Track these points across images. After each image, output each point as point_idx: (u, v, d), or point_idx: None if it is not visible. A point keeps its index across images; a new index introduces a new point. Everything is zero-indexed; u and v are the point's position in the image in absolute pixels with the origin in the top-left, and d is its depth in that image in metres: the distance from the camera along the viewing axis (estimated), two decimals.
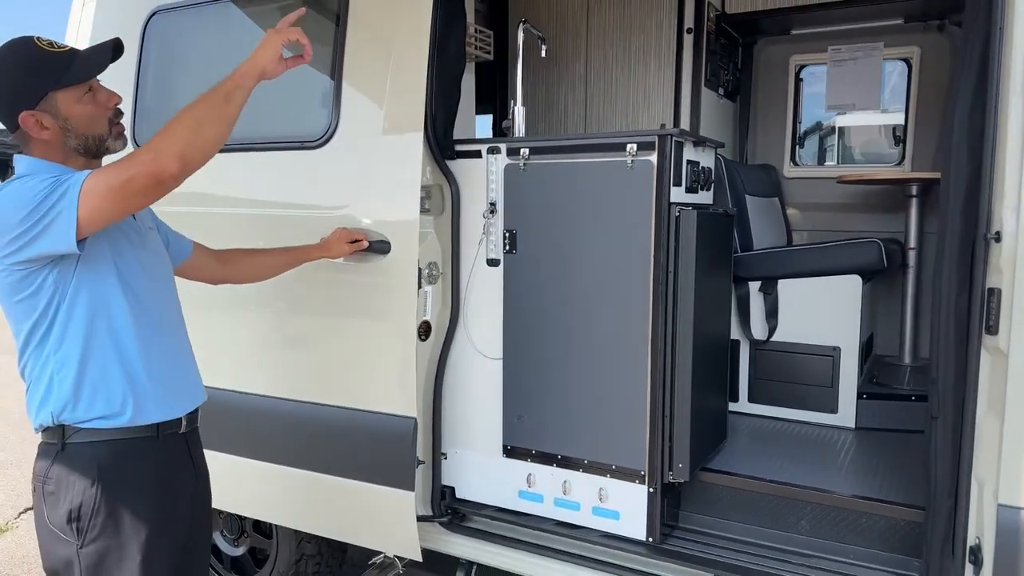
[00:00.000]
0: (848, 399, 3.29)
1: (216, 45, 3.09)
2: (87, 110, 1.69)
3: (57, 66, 1.66)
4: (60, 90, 1.66)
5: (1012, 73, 1.86)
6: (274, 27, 1.91)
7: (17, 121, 1.66)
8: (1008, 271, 1.86)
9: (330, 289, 2.66)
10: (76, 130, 1.68)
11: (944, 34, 4.04)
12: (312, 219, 2.65)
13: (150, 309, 1.78)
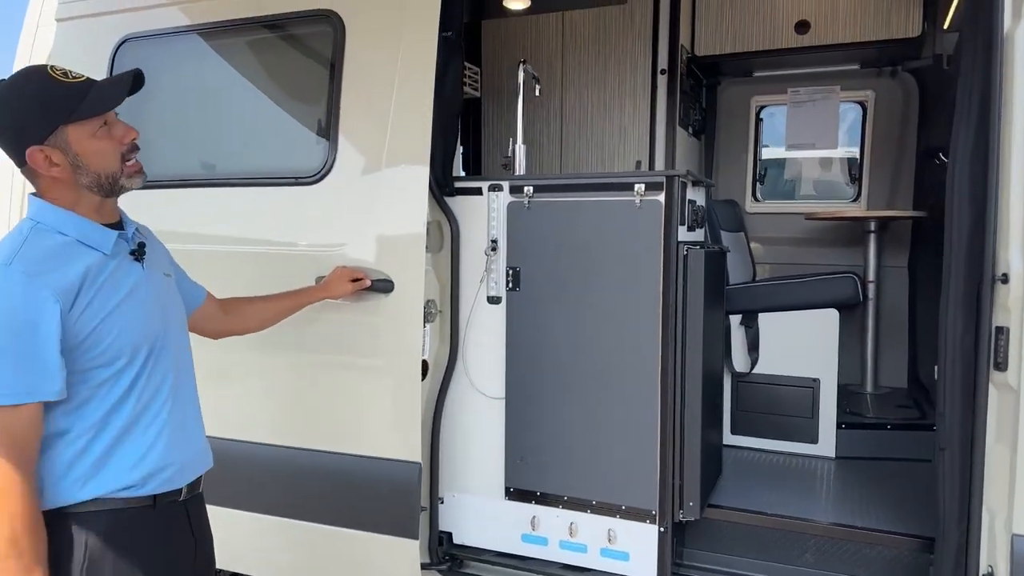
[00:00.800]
0: (828, 429, 3.36)
1: (189, 75, 2.96)
2: (100, 146, 1.55)
3: (70, 98, 1.52)
4: (72, 124, 1.51)
5: (1013, 121, 1.95)
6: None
7: (25, 157, 1.51)
8: (1016, 310, 1.94)
9: (328, 329, 2.55)
10: (88, 167, 1.54)
11: (897, 80, 4.27)
12: (310, 256, 2.54)
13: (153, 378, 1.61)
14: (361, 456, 2.48)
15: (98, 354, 1.50)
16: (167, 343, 1.65)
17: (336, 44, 2.59)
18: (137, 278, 1.61)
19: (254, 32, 2.82)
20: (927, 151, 4.00)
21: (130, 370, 1.55)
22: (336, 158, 2.56)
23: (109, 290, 1.53)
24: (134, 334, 1.55)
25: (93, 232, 1.55)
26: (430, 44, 2.43)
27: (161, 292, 1.69)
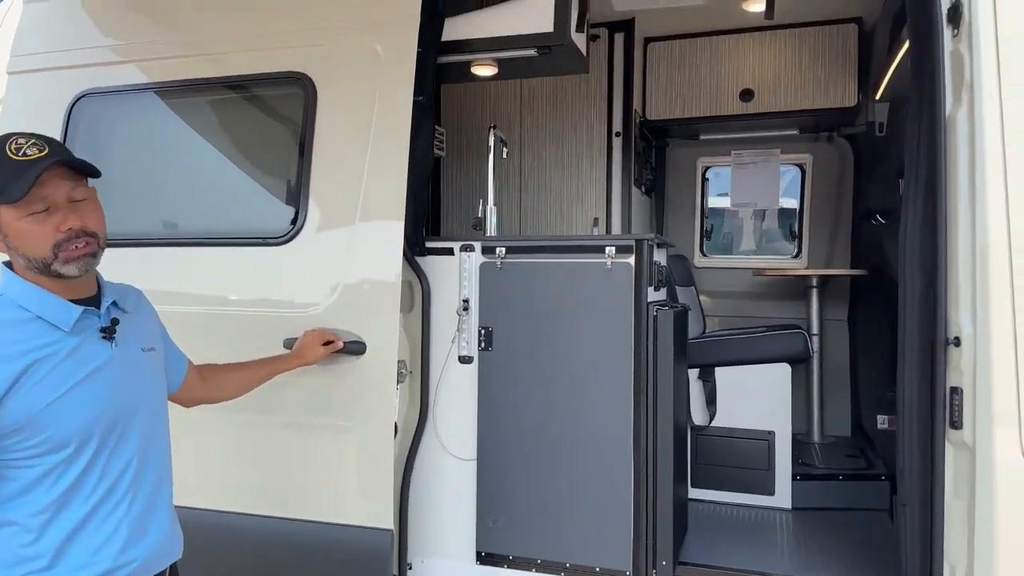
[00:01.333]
0: (784, 480, 3.44)
1: (154, 132, 2.90)
2: (31, 229, 1.43)
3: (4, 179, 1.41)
4: (5, 205, 1.42)
5: (959, 195, 2.09)
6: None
7: None
8: (969, 372, 2.05)
9: (297, 392, 2.48)
10: (18, 249, 1.44)
11: (833, 144, 4.53)
12: (280, 318, 2.48)
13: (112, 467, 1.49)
14: (331, 524, 2.40)
15: (42, 440, 1.39)
16: (132, 426, 1.54)
17: (307, 106, 2.59)
18: (104, 358, 1.50)
19: (222, 91, 2.79)
20: (864, 211, 4.23)
21: (80, 458, 1.44)
22: (306, 219, 2.53)
23: (64, 372, 1.43)
24: (86, 420, 1.44)
25: (55, 308, 1.45)
26: (405, 109, 2.46)
27: (133, 371, 1.57)
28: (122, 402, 1.52)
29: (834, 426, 4.40)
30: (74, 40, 2.94)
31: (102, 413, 1.47)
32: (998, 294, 1.99)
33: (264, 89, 2.73)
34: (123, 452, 1.51)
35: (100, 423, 1.47)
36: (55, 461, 1.41)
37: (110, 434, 1.49)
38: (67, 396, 1.42)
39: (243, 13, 2.72)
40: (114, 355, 1.52)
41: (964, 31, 2.10)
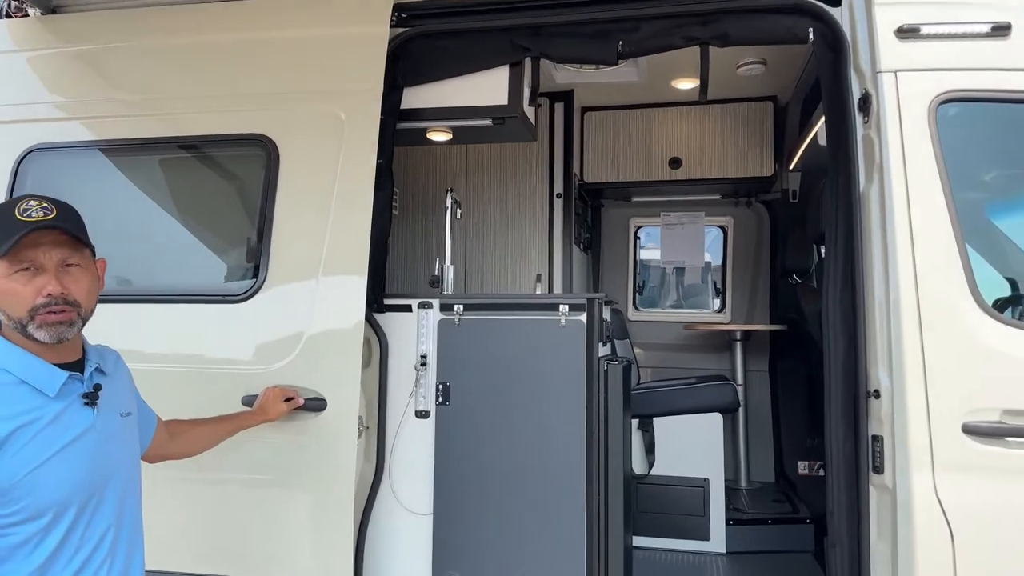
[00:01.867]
0: (719, 526, 3.59)
1: (107, 187, 2.87)
2: (12, 288, 1.45)
3: (1, 234, 1.44)
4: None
5: (873, 264, 2.33)
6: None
7: None
8: (888, 421, 2.26)
9: (255, 448, 2.46)
10: (1, 307, 1.45)
11: (752, 209, 4.87)
12: (239, 374, 2.48)
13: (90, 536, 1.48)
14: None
15: (18, 509, 1.37)
16: (108, 493, 1.52)
17: (269, 167, 2.64)
18: (86, 425, 1.50)
19: (182, 150, 2.81)
20: (781, 271, 4.55)
21: (58, 528, 1.42)
22: (267, 276, 2.56)
23: (46, 439, 1.41)
24: (67, 489, 1.43)
25: (40, 373, 1.45)
26: (368, 174, 2.55)
27: (112, 438, 1.56)
28: (101, 470, 1.51)
29: (759, 472, 4.63)
30: (26, 94, 2.91)
31: (82, 482, 1.46)
32: (910, 350, 2.22)
33: (226, 149, 2.77)
34: (100, 521, 1.50)
35: (80, 492, 1.45)
36: (32, 531, 1.39)
37: (88, 503, 1.47)
38: (48, 464, 1.40)
39: (207, 74, 2.77)
40: (95, 422, 1.52)
41: (873, 119, 2.38)
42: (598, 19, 2.72)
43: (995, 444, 2.16)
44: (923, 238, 2.26)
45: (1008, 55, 2.31)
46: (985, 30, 2.32)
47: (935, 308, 2.23)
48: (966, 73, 2.32)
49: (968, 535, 2.14)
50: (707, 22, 2.66)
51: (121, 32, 2.88)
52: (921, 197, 2.28)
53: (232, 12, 2.81)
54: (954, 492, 2.16)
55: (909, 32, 2.35)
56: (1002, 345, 2.20)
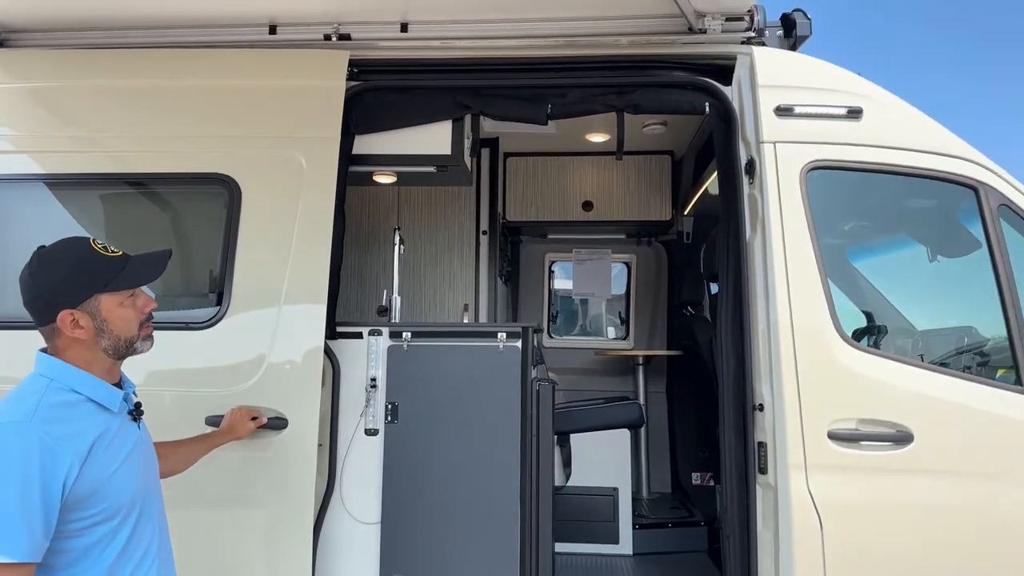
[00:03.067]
0: (626, 530, 3.94)
1: (61, 220, 2.92)
2: (125, 313, 1.65)
3: (109, 271, 1.63)
4: (106, 293, 1.62)
5: (756, 301, 2.76)
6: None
7: (54, 318, 1.57)
8: (770, 430, 2.67)
9: (217, 467, 2.57)
10: (111, 332, 1.63)
11: (652, 248, 5.37)
12: (205, 397, 2.59)
13: (143, 538, 1.65)
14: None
15: (100, 510, 1.53)
16: (152, 501, 1.70)
17: (232, 204, 2.79)
18: (135, 438, 1.68)
19: (145, 186, 2.91)
20: (677, 303, 5.03)
21: (124, 529, 1.58)
22: (230, 305, 2.70)
23: (115, 449, 1.59)
24: (132, 492, 1.60)
25: (104, 392, 1.62)
26: (327, 214, 2.76)
27: (149, 451, 1.75)
28: (148, 479, 1.69)
29: (657, 483, 5.04)
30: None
31: (138, 488, 1.63)
32: (786, 371, 2.65)
33: (188, 187, 2.89)
34: (148, 524, 1.66)
35: (137, 497, 1.62)
36: (105, 531, 1.54)
37: (142, 507, 1.64)
38: (119, 470, 1.57)
39: (173, 116, 2.89)
40: (141, 435, 1.71)
41: (756, 181, 2.83)
42: (532, 85, 3.06)
43: (852, 447, 2.61)
44: (795, 279, 2.71)
45: (860, 133, 2.82)
46: (843, 113, 2.83)
47: (805, 337, 2.67)
48: (829, 146, 2.81)
49: (833, 522, 2.57)
50: (623, 93, 3.06)
51: (83, 71, 2.96)
52: (794, 245, 2.73)
53: (200, 59, 2.96)
54: (822, 487, 2.59)
55: (785, 111, 2.82)
56: (856, 366, 2.66)
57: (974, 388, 2.68)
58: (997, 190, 2.78)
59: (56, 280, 1.60)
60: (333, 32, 3.07)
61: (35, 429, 1.46)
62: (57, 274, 1.61)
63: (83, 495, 1.50)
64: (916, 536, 2.56)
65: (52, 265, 1.62)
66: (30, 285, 1.61)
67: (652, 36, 3.02)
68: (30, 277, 1.62)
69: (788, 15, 3.19)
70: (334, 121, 2.86)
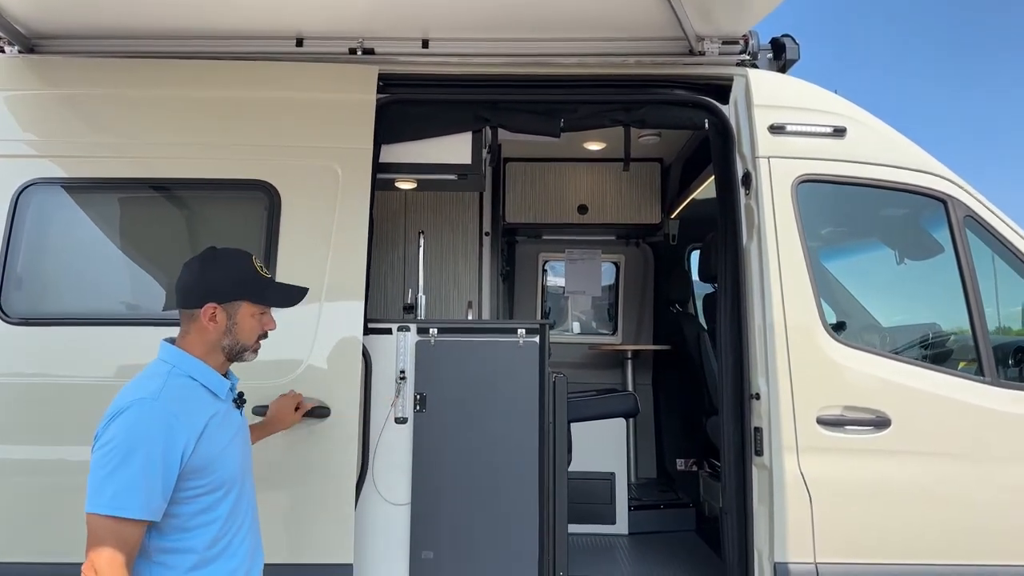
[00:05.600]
0: (623, 512, 4.18)
1: (106, 222, 3.04)
2: (252, 324, 1.88)
3: (260, 286, 1.88)
4: (248, 302, 1.84)
5: (752, 300, 3.01)
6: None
7: (200, 305, 1.77)
8: (765, 417, 2.92)
9: (265, 453, 2.72)
10: (235, 335, 1.83)
11: (640, 248, 5.61)
12: (252, 388, 2.73)
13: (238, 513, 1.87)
14: (303, 564, 2.66)
15: (210, 480, 1.72)
16: (248, 481, 1.90)
17: (272, 208, 2.94)
18: (238, 423, 1.88)
19: (188, 191, 3.04)
20: (663, 301, 5.28)
21: (227, 501, 1.77)
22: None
23: (223, 429, 1.78)
24: (235, 469, 1.80)
25: (215, 381, 1.82)
26: (363, 216, 2.93)
27: (247, 436, 1.96)
28: (246, 460, 1.89)
29: (644, 469, 5.30)
30: (27, 131, 3.01)
31: (239, 467, 1.83)
32: (780, 363, 2.90)
33: (229, 192, 3.03)
34: (244, 500, 1.86)
35: (239, 474, 1.81)
36: (213, 499, 1.73)
37: (241, 485, 1.84)
38: (227, 448, 1.77)
39: (214, 124, 3.02)
40: (242, 422, 1.91)
41: (752, 192, 3.07)
42: (546, 100, 3.26)
43: (838, 431, 2.88)
44: (788, 280, 2.96)
45: (844, 150, 3.09)
46: (829, 131, 3.09)
47: (796, 332, 2.93)
48: (817, 161, 3.07)
49: (821, 498, 2.83)
50: (629, 109, 3.28)
51: (128, 80, 3.06)
52: (786, 250, 2.99)
53: (236, 71, 3.10)
54: (812, 468, 2.85)
55: (778, 129, 3.08)
56: (842, 359, 2.93)
57: (942, 378, 2.97)
58: (963, 203, 3.07)
59: (218, 276, 1.82)
60: (358, 46, 3.23)
61: (160, 407, 1.65)
62: (220, 272, 1.82)
63: (197, 467, 1.68)
64: (894, 509, 2.84)
65: (219, 264, 1.84)
66: (196, 273, 1.82)
67: (656, 57, 3.25)
68: (200, 267, 1.83)
69: (778, 39, 3.45)
70: (367, 133, 3.02)
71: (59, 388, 2.78)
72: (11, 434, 2.78)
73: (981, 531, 2.84)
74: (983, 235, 3.09)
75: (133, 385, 1.72)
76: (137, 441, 1.59)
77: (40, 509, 2.73)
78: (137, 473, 1.58)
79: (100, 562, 1.53)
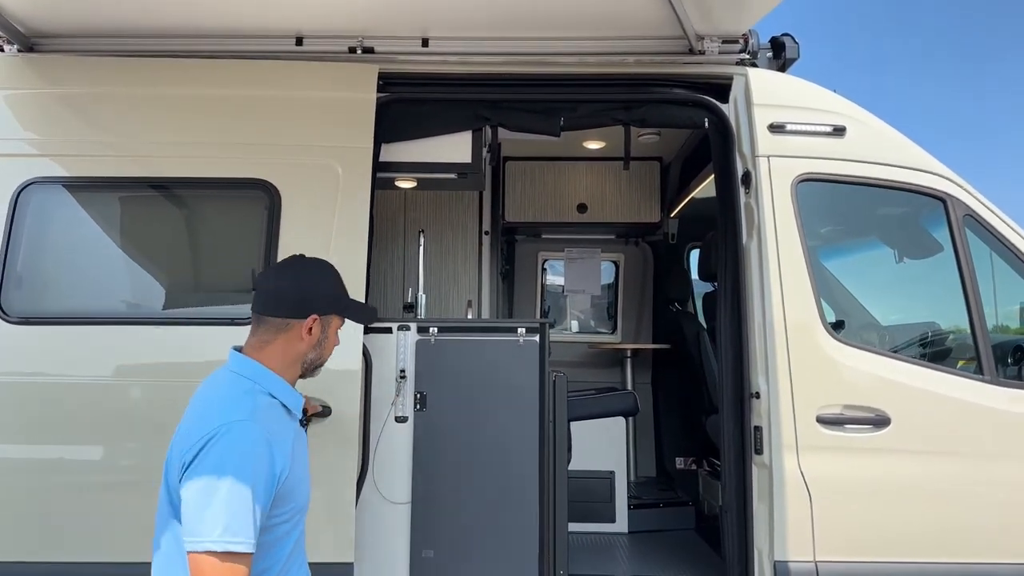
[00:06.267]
0: (622, 510, 4.18)
1: (106, 221, 3.03)
2: (333, 340, 1.83)
3: (348, 302, 1.87)
4: (338, 317, 1.82)
5: (752, 299, 3.01)
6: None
7: (302, 315, 1.71)
8: (765, 416, 2.92)
9: None
10: (321, 350, 1.80)
11: (639, 247, 5.61)
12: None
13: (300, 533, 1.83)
14: None
15: (290, 508, 1.65)
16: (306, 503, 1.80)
17: (272, 207, 2.94)
18: (304, 440, 1.81)
19: (186, 189, 3.03)
20: (663, 299, 5.28)
21: (299, 527, 1.72)
22: None
23: (300, 449, 1.74)
24: (307, 493, 1.76)
25: (293, 399, 1.75)
26: (363, 215, 2.92)
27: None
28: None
29: (644, 467, 5.30)
30: (25, 130, 3.00)
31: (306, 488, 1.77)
32: (780, 362, 2.90)
33: (228, 190, 3.02)
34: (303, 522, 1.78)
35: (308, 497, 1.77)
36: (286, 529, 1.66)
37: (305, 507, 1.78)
38: (304, 472, 1.72)
39: (212, 123, 3.01)
40: (305, 441, 1.84)
41: (752, 191, 3.07)
42: (546, 99, 3.26)
43: (838, 430, 2.88)
44: (788, 279, 2.96)
45: (843, 149, 3.09)
46: (828, 130, 3.09)
47: (796, 331, 2.93)
48: (817, 160, 3.07)
49: (821, 496, 2.83)
50: (630, 108, 3.27)
51: (128, 79, 3.06)
52: (786, 249, 2.99)
53: (236, 70, 3.09)
54: (811, 466, 2.85)
55: (778, 128, 3.08)
56: (841, 358, 2.93)
57: (942, 377, 2.97)
58: (963, 202, 3.08)
59: (317, 288, 1.77)
60: (358, 45, 3.22)
61: (259, 429, 1.54)
62: (319, 283, 1.79)
63: (284, 492, 1.60)
64: (894, 507, 2.84)
65: (315, 275, 1.80)
66: (292, 280, 1.75)
67: (656, 56, 3.25)
68: (295, 275, 1.77)
69: (777, 39, 3.45)
70: (367, 132, 3.02)
71: (59, 387, 2.77)
72: (11, 433, 2.77)
73: (980, 529, 2.85)
74: (982, 234, 3.09)
75: (218, 404, 1.57)
76: (242, 468, 1.46)
77: (40, 509, 2.73)
78: (246, 502, 1.45)
79: None
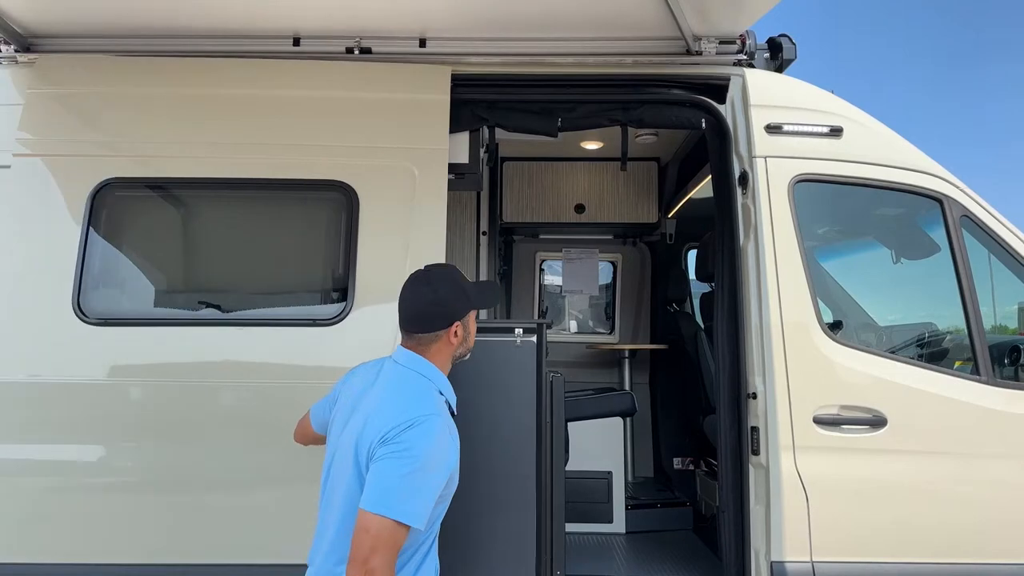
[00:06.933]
0: (620, 511, 4.17)
1: (187, 221, 3.06)
2: (473, 328, 1.99)
3: (473, 292, 1.97)
4: (473, 310, 1.94)
5: (750, 300, 3.01)
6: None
7: (446, 326, 1.86)
8: (762, 416, 2.92)
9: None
10: (467, 342, 1.97)
11: (637, 248, 5.60)
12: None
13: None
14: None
15: (448, 492, 1.87)
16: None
17: (350, 209, 2.95)
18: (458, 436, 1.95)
19: (266, 190, 3.03)
20: (661, 300, 5.28)
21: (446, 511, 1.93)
22: (355, 301, 2.87)
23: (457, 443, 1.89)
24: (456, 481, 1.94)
25: (453, 396, 1.93)
26: (439, 213, 2.95)
27: None
28: None
29: (641, 468, 5.30)
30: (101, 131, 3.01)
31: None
32: (777, 363, 2.90)
33: (307, 192, 3.04)
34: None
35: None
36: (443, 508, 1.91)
37: None
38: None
39: (291, 125, 3.02)
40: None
41: (749, 192, 3.07)
42: (544, 100, 3.26)
43: (835, 430, 2.88)
44: (784, 279, 2.96)
45: (840, 150, 3.09)
46: (825, 131, 3.09)
47: (793, 331, 2.93)
48: (814, 161, 3.07)
49: (818, 497, 2.83)
50: (627, 109, 3.27)
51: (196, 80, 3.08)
52: (783, 250, 2.99)
53: (312, 71, 3.11)
54: (808, 466, 2.85)
55: (775, 129, 3.07)
56: (838, 358, 2.93)
57: (938, 377, 2.97)
58: (959, 202, 3.08)
59: (454, 296, 1.92)
60: (355, 45, 3.22)
61: (448, 425, 1.77)
62: (453, 291, 1.91)
63: (451, 478, 1.83)
64: (890, 508, 2.84)
65: (448, 283, 1.92)
66: (432, 298, 1.89)
67: (653, 56, 3.25)
68: (434, 292, 1.89)
69: (774, 39, 3.45)
70: (442, 132, 3.03)
71: (136, 388, 2.81)
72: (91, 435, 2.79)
73: (977, 529, 2.85)
74: (979, 234, 3.10)
75: (410, 397, 1.79)
76: (436, 458, 1.72)
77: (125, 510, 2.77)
78: (432, 487, 1.72)
79: (378, 562, 1.61)
